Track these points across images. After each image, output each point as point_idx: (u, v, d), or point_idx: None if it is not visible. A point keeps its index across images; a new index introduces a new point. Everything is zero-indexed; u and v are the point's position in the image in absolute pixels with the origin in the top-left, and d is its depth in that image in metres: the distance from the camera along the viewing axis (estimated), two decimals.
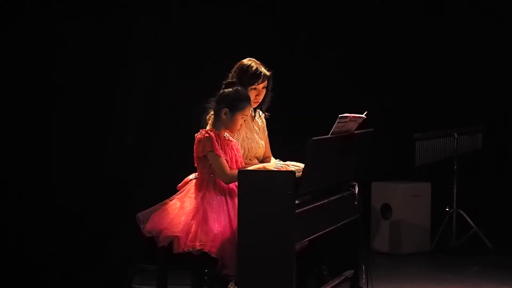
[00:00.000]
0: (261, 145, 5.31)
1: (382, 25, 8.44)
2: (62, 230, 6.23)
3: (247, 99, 4.98)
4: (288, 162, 5.16)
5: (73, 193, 6.32)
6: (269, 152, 5.44)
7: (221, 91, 5.00)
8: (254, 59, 5.28)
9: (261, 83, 5.22)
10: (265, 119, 5.44)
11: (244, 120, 5.04)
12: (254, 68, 5.22)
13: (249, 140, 5.25)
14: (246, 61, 5.26)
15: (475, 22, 8.49)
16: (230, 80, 5.05)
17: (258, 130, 5.35)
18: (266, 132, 5.42)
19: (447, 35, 8.56)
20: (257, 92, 5.23)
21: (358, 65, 8.33)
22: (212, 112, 5.05)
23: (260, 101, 5.30)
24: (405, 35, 8.51)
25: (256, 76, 5.20)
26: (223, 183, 4.83)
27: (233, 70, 5.25)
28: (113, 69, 6.52)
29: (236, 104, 4.92)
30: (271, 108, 5.53)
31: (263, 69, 5.24)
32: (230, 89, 4.97)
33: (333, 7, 8.27)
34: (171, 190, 5.01)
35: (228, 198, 4.81)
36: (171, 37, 7.03)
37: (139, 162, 6.67)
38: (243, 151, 5.19)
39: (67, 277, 6.17)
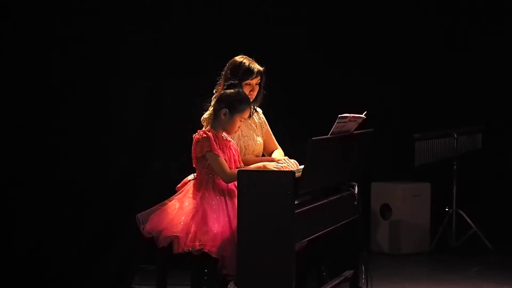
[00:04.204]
0: (258, 142, 5.30)
1: (383, 25, 8.44)
2: (62, 230, 6.23)
3: (247, 102, 4.98)
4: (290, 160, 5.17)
5: (73, 193, 6.32)
6: (274, 145, 5.44)
7: (223, 91, 5.00)
8: (247, 56, 5.31)
9: (254, 78, 5.25)
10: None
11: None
12: (247, 64, 5.26)
13: (245, 138, 5.24)
14: (238, 58, 5.30)
15: (474, 22, 8.49)
16: (232, 82, 5.05)
17: (255, 128, 5.34)
18: (267, 126, 5.42)
19: (447, 35, 8.56)
20: (251, 88, 5.25)
21: (358, 65, 8.33)
22: (208, 112, 5.06)
23: (254, 97, 5.30)
24: (405, 35, 8.51)
25: (249, 71, 5.23)
26: (223, 183, 4.83)
27: (226, 67, 5.28)
28: (112, 69, 6.52)
29: (236, 105, 4.92)
30: (270, 108, 5.52)
31: (256, 65, 5.28)
32: (231, 90, 4.97)
33: (334, 6, 8.27)
34: (171, 191, 5.01)
35: (227, 198, 4.81)
36: (171, 37, 7.03)
37: (138, 163, 6.66)
38: (239, 150, 5.17)
39: (67, 277, 6.16)
